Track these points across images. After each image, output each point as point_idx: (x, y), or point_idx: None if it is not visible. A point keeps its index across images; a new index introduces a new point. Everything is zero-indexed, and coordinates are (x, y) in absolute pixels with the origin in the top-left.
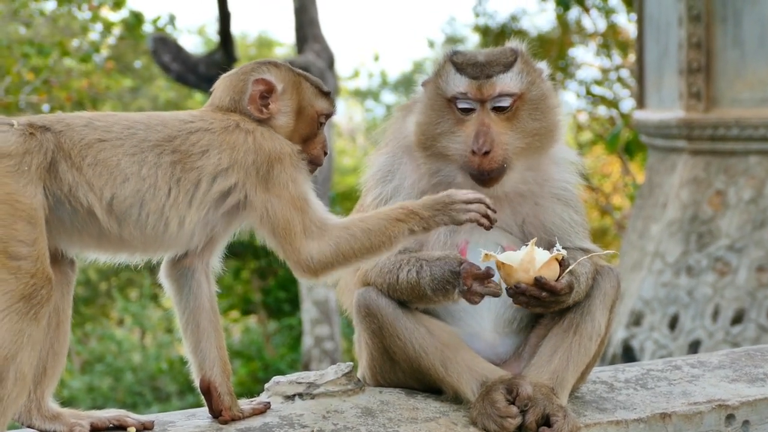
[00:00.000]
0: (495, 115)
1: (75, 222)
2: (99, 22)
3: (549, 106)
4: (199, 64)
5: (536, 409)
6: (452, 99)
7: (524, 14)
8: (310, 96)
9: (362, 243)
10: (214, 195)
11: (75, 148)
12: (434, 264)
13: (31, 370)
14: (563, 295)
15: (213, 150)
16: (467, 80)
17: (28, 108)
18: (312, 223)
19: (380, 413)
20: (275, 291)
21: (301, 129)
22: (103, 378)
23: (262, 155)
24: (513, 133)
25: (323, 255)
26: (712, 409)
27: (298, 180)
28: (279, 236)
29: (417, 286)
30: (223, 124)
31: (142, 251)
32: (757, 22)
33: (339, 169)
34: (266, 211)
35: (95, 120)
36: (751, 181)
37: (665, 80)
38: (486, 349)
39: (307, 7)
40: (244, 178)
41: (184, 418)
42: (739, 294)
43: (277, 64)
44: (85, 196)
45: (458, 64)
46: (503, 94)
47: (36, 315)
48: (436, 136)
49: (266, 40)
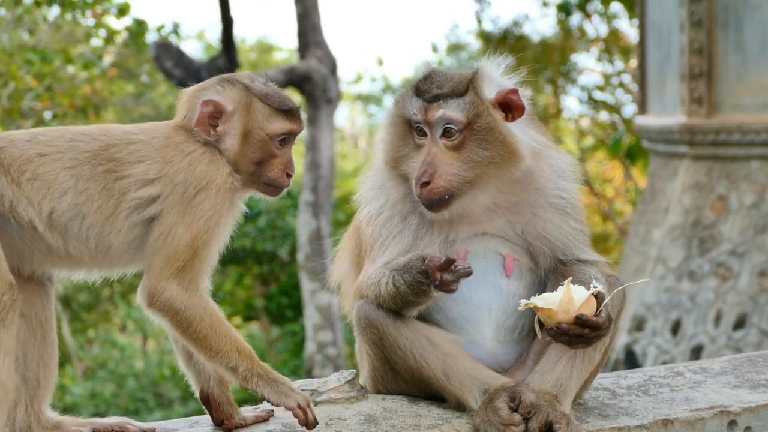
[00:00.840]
0: (444, 144)
1: (24, 239)
2: (102, 29)
3: (500, 135)
4: (202, 70)
5: (539, 416)
6: (407, 120)
7: (526, 20)
8: (262, 118)
9: (200, 328)
10: (136, 201)
11: (14, 164)
12: (403, 270)
13: (10, 376)
14: (605, 328)
15: (146, 161)
16: (419, 102)
17: (31, 114)
18: (189, 271)
19: (383, 420)
20: (278, 297)
21: (249, 152)
22: (106, 384)
23: (192, 178)
24: (461, 163)
25: (171, 302)
26: (714, 415)
27: (215, 217)
28: (157, 259)
29: (398, 295)
30: (165, 141)
31: (97, 267)
32: (759, 28)
33: (341, 173)
34: (167, 233)
35: (39, 135)
36: (752, 186)
37: (667, 86)
38: (487, 357)
39: (310, 13)
40: (168, 192)
41: (187, 426)
42: (741, 299)
43: (234, 82)
44: (25, 211)
45: (416, 86)
46: (446, 119)
47: (3, 322)
48: (397, 158)
49: (266, 45)
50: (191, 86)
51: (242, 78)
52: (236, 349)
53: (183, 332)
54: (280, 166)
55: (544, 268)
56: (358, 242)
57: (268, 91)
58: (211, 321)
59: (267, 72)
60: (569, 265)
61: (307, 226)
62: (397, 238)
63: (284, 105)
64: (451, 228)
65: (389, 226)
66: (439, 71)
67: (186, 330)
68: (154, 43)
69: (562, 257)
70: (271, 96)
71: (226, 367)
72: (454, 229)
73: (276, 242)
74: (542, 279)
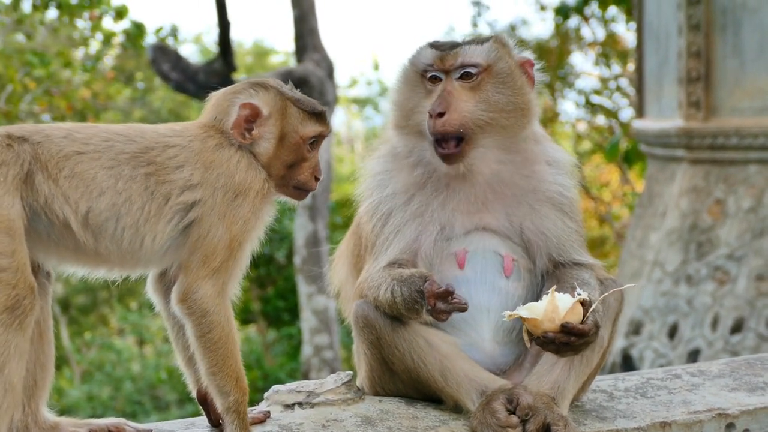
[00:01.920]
0: (460, 85)
1: (52, 235)
2: (99, 32)
3: (516, 84)
4: (199, 73)
5: (537, 418)
6: (422, 73)
7: (524, 23)
8: (296, 121)
9: (217, 338)
10: (179, 206)
11: (52, 160)
12: (404, 284)
13: (20, 380)
14: (591, 335)
15: (188, 166)
16: (434, 52)
17: (29, 117)
18: (224, 273)
19: (380, 422)
20: (274, 300)
21: (283, 156)
22: (103, 387)
23: (232, 183)
24: (476, 102)
25: (202, 302)
26: (712, 418)
27: (252, 221)
28: (194, 258)
29: (393, 305)
30: (203, 144)
31: (119, 267)
32: (757, 31)
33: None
34: (206, 234)
35: (75, 131)
36: (750, 190)
37: (665, 89)
38: (485, 359)
39: (307, 17)
40: (209, 196)
41: (183, 427)
42: (738, 303)
43: (268, 86)
44: (60, 209)
45: (432, 42)
46: (466, 64)
47: (21, 325)
48: (407, 112)
49: (262, 48)
50: (228, 80)
51: (274, 83)
52: (236, 378)
53: (201, 336)
54: (309, 170)
55: (541, 269)
56: (358, 242)
57: (299, 96)
58: (228, 336)
59: (263, 75)
60: (565, 268)
61: (303, 230)
62: (398, 236)
63: (315, 108)
64: (453, 215)
65: (391, 223)
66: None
67: (205, 335)
68: (151, 45)
69: (558, 258)
70: (303, 101)
71: (219, 389)
72: (454, 218)
73: (273, 245)
74: (540, 281)
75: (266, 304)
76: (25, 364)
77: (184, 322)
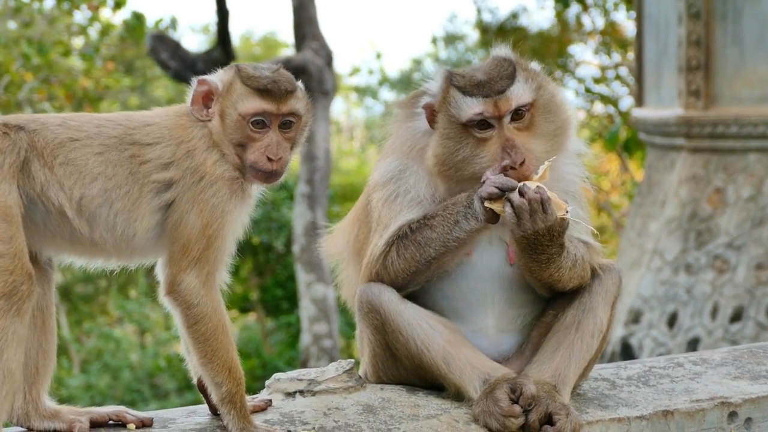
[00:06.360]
0: (515, 127)
1: (48, 223)
2: (97, 22)
3: (558, 104)
4: (197, 62)
5: (539, 408)
6: (468, 123)
7: (524, 12)
8: (236, 97)
9: (205, 330)
10: (155, 185)
11: (47, 147)
12: (443, 209)
13: (19, 367)
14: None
15: (162, 143)
16: (480, 100)
17: (27, 106)
18: (206, 263)
19: (381, 410)
20: (273, 289)
21: (229, 134)
22: (102, 376)
23: (194, 163)
24: (534, 139)
25: (187, 294)
26: (715, 406)
27: (220, 205)
28: (175, 249)
29: (429, 243)
30: (175, 121)
31: (116, 256)
32: (757, 20)
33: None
34: (180, 221)
35: (69, 119)
36: (750, 178)
37: (664, 78)
38: (489, 346)
39: (306, 6)
40: (179, 177)
41: (185, 415)
42: (737, 292)
43: (234, 66)
44: (56, 196)
45: (463, 87)
46: (519, 106)
47: (18, 311)
48: (457, 164)
49: (272, 40)
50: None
51: (245, 64)
52: (228, 368)
53: (189, 327)
54: (260, 149)
55: None
56: (363, 227)
57: (255, 73)
58: (216, 326)
59: (261, 64)
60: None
61: (302, 218)
62: (414, 208)
63: (261, 85)
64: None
65: (401, 201)
66: (459, 70)
67: (192, 326)
68: (150, 35)
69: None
70: (254, 77)
71: (212, 380)
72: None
73: (271, 234)
74: None
75: (265, 292)
76: (24, 350)
77: (173, 314)
